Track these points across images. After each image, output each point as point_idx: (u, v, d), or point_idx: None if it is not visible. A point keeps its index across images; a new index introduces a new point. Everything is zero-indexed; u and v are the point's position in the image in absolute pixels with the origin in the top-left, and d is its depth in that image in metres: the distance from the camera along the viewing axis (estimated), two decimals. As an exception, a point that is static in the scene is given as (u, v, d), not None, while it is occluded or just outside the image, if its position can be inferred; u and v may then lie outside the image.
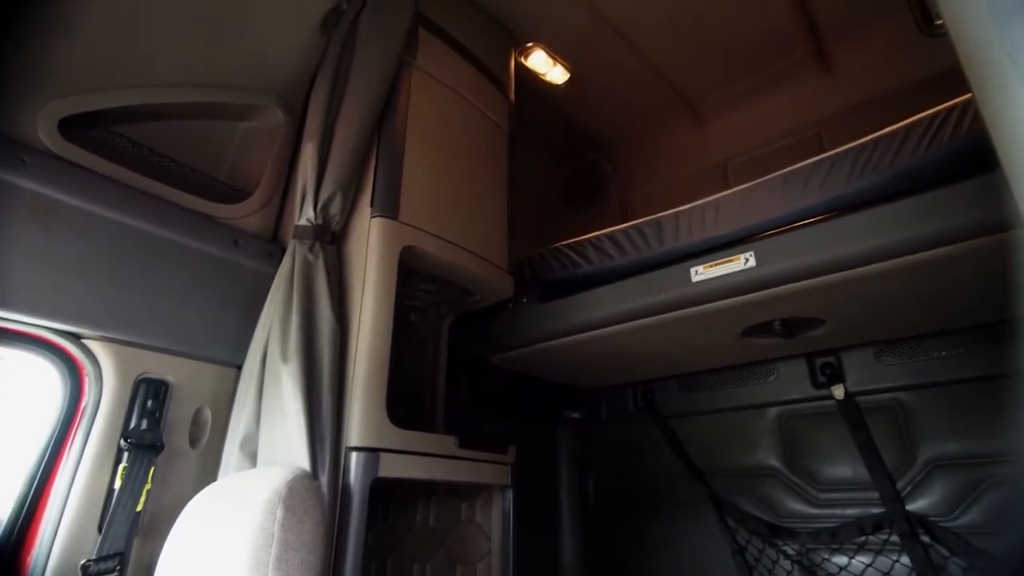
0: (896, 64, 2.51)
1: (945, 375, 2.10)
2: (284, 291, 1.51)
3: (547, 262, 2.20)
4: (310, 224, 1.60)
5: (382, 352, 1.53)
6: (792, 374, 2.43)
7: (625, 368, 2.61)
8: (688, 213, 1.89)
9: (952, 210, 1.39)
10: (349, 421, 1.42)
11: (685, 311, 1.84)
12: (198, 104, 1.83)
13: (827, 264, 1.55)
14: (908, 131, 1.53)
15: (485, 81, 2.22)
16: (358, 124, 1.70)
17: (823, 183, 1.64)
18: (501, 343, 2.30)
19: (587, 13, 2.43)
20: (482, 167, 2.10)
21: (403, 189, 1.73)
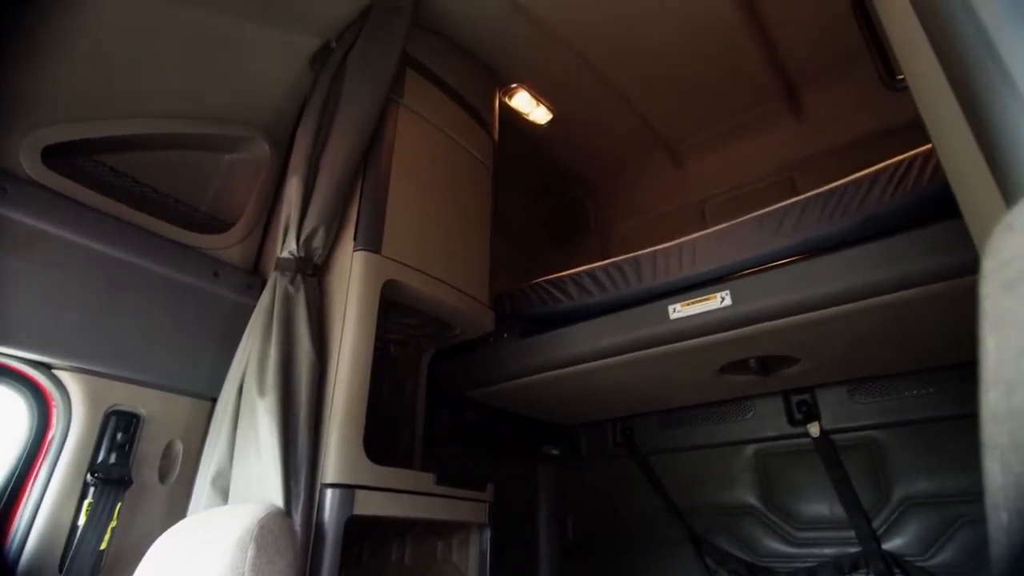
0: (863, 113, 2.63)
1: (917, 413, 2.14)
2: (263, 323, 1.50)
3: (528, 297, 2.22)
4: (292, 256, 1.61)
5: (361, 386, 1.52)
6: (769, 411, 2.46)
7: (605, 404, 2.61)
8: (666, 252, 1.93)
9: (917, 254, 1.44)
10: (325, 457, 1.40)
11: (663, 348, 1.87)
12: (184, 135, 1.84)
13: (800, 304, 1.59)
14: (875, 178, 1.60)
15: (470, 120, 2.27)
16: (344, 159, 1.72)
17: (795, 226, 1.69)
18: (481, 378, 2.30)
19: (570, 57, 2.51)
20: (466, 203, 2.13)
21: (387, 223, 1.75)
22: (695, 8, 2.29)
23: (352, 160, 1.74)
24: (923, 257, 1.43)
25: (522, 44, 2.42)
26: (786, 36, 2.52)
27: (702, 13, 2.32)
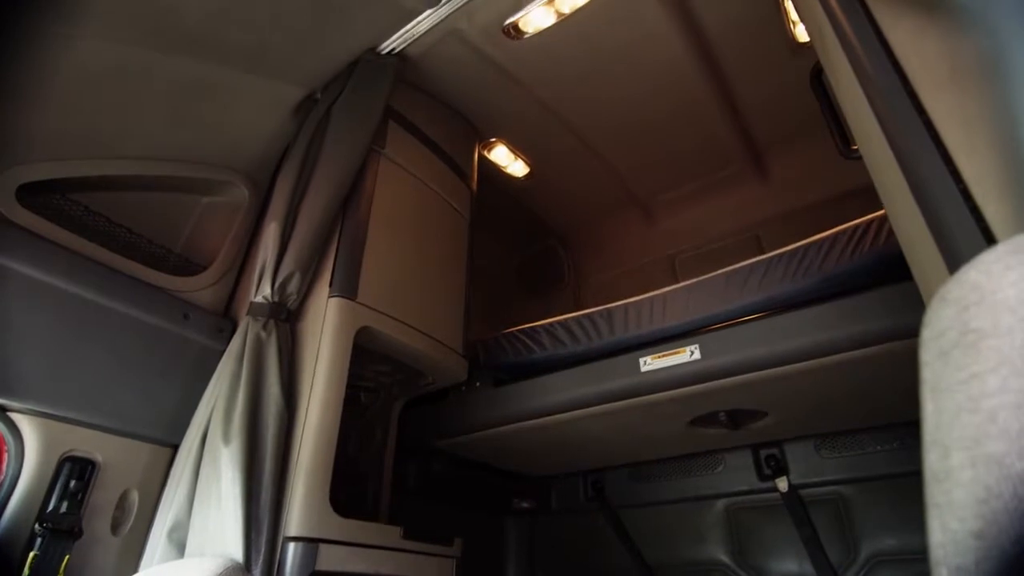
0: (824, 177, 2.77)
1: (882, 469, 2.17)
2: (232, 368, 1.48)
3: (501, 346, 2.23)
4: (266, 301, 1.60)
5: (329, 436, 1.49)
6: (739, 465, 2.47)
7: (576, 456, 2.59)
8: (638, 305, 1.97)
9: (875, 314, 1.50)
10: (289, 508, 1.36)
11: (635, 400, 1.88)
12: (162, 177, 1.85)
13: (766, 359, 1.64)
14: (834, 240, 1.68)
15: (449, 171, 2.33)
16: (323, 206, 1.75)
17: (760, 283, 1.75)
18: (453, 427, 2.27)
19: (547, 115, 2.62)
20: (442, 252, 2.16)
21: (363, 270, 1.76)
22: (667, 77, 2.42)
23: (332, 207, 1.77)
24: (881, 317, 1.49)
25: (501, 102, 2.52)
26: (751, 105, 2.67)
27: (674, 82, 2.45)
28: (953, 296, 0.44)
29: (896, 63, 0.92)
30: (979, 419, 0.37)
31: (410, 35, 2.05)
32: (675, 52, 2.29)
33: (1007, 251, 0.42)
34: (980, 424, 0.37)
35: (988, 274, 0.42)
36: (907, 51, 0.92)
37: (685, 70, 2.39)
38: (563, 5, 2.03)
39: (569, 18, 2.08)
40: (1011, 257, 0.42)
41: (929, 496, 0.40)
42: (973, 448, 0.37)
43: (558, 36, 2.16)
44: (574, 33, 2.16)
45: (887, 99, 0.93)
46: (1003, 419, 0.36)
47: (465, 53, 2.19)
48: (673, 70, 2.39)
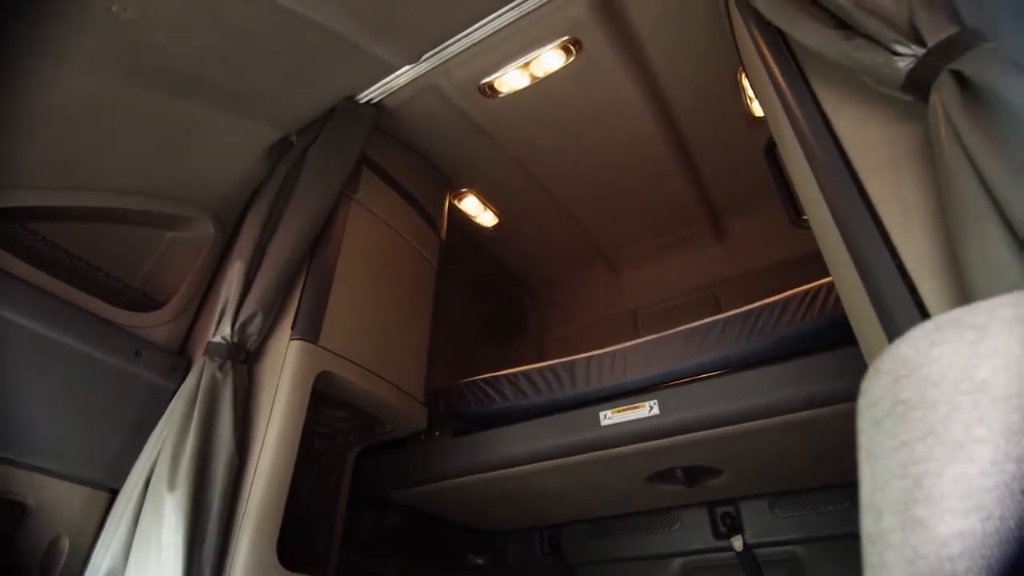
0: (777, 242, 2.92)
1: (834, 529, 2.20)
2: (183, 410, 1.43)
3: (463, 395, 2.22)
4: (225, 342, 1.57)
5: (281, 484, 1.44)
6: (695, 523, 2.47)
7: (534, 510, 2.55)
8: (599, 358, 2.00)
9: (824, 376, 1.57)
10: (234, 561, 1.30)
11: (594, 454, 1.88)
12: (126, 210, 1.82)
13: (721, 417, 1.67)
14: (786, 303, 1.76)
15: (419, 219, 2.36)
16: (292, 247, 1.74)
17: (717, 342, 1.81)
18: (410, 477, 2.22)
19: (519, 170, 2.70)
20: (408, 299, 2.17)
21: (327, 314, 1.75)
22: (634, 140, 2.55)
23: (300, 249, 1.76)
24: (830, 379, 1.56)
25: (474, 155, 2.59)
26: (710, 172, 2.82)
27: (640, 145, 2.58)
28: (886, 368, 0.47)
29: (840, 146, 1.01)
30: (907, 484, 0.40)
31: (389, 87, 2.11)
32: (642, 117, 2.42)
33: (933, 328, 0.46)
34: (908, 489, 0.40)
35: (916, 349, 0.46)
36: (851, 136, 1.01)
37: (651, 134, 2.52)
38: (537, 69, 2.13)
39: (543, 81, 2.18)
40: (936, 334, 0.46)
41: (865, 557, 0.43)
42: (902, 512, 0.40)
43: (532, 97, 2.26)
44: (547, 95, 2.26)
45: (832, 178, 1.01)
46: (927, 485, 0.39)
47: (441, 107, 2.27)
48: (639, 134, 2.51)
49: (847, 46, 0.93)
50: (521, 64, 2.09)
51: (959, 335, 0.45)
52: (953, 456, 0.39)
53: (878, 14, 0.90)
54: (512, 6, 1.89)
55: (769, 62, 1.22)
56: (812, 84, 1.11)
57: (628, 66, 2.16)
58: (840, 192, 0.97)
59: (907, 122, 0.94)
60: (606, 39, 2.03)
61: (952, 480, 0.38)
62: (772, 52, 1.22)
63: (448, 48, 2.00)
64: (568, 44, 2.03)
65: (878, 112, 0.99)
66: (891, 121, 0.96)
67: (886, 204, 0.91)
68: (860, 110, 1.02)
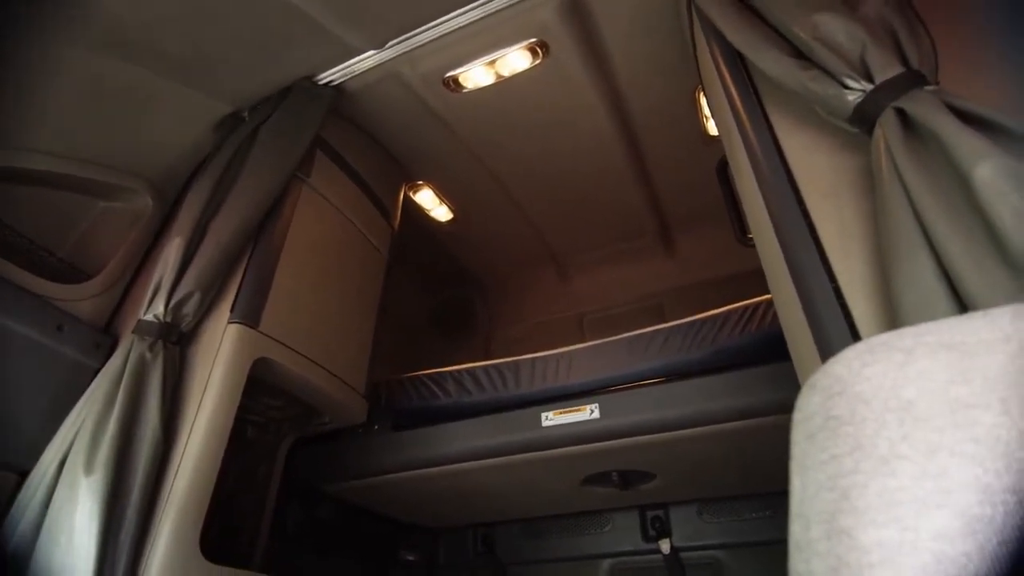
0: (722, 258, 3.02)
1: (755, 536, 2.30)
2: (107, 390, 1.35)
3: (405, 390, 2.19)
4: (157, 321, 1.49)
5: (209, 473, 1.38)
6: (626, 526, 2.52)
7: (469, 508, 2.55)
8: (544, 360, 2.02)
9: (758, 389, 1.63)
10: (153, 550, 1.23)
11: (534, 454, 1.90)
12: (60, 175, 1.70)
13: (658, 423, 1.72)
14: (727, 317, 1.83)
15: (372, 208, 2.32)
16: (236, 227, 1.67)
17: (660, 350, 1.86)
18: (345, 471, 2.17)
19: (476, 166, 2.69)
20: (355, 289, 2.12)
21: (270, 299, 1.69)
22: (593, 147, 2.58)
23: (244, 229, 1.70)
24: (763, 392, 1.62)
25: (433, 147, 2.56)
26: (664, 185, 2.90)
27: (599, 152, 2.61)
28: (820, 385, 0.50)
29: (788, 170, 1.05)
30: (835, 496, 0.42)
31: (350, 71, 2.06)
32: (602, 126, 2.45)
33: (865, 349, 0.49)
34: (835, 500, 0.42)
35: (849, 368, 0.49)
36: (799, 161, 1.06)
37: (610, 144, 2.56)
38: (503, 68, 2.13)
39: (507, 80, 2.18)
40: (868, 355, 0.49)
41: (792, 564, 0.45)
42: (829, 522, 0.42)
43: (495, 95, 2.25)
44: (511, 94, 2.26)
45: (778, 200, 1.05)
46: (854, 496, 0.41)
47: (403, 96, 2.23)
48: (599, 142, 2.55)
49: (803, 75, 0.98)
50: (487, 61, 2.08)
51: (888, 357, 0.48)
52: (878, 470, 0.41)
53: (834, 48, 0.95)
54: (481, 3, 1.88)
55: (728, 83, 1.27)
56: (766, 108, 1.15)
57: (593, 74, 2.19)
58: (785, 213, 1.01)
59: (851, 152, 0.99)
60: (573, 45, 2.04)
61: (876, 493, 0.41)
62: (731, 73, 1.27)
63: (414, 38, 1.97)
64: (535, 46, 2.04)
65: (826, 140, 1.04)
66: (837, 150, 1.01)
67: (826, 228, 0.96)
68: (809, 137, 1.07)
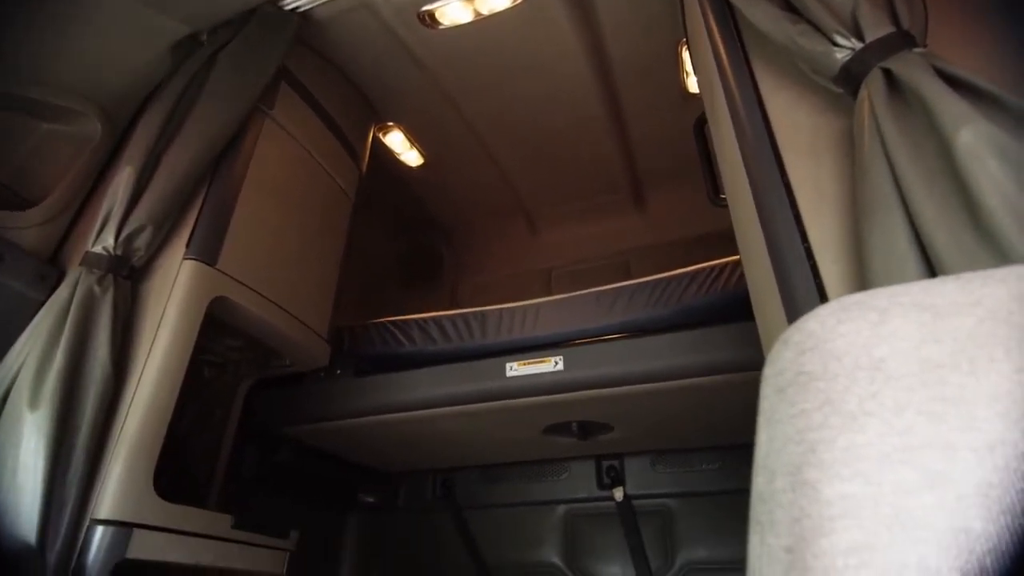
0: (692, 218, 3.04)
1: (704, 486, 2.41)
2: (52, 324, 1.28)
3: (369, 336, 2.16)
4: (106, 253, 1.41)
5: (163, 411, 1.34)
6: (582, 474, 2.61)
7: (430, 453, 2.58)
8: (511, 311, 2.02)
9: (721, 346, 1.67)
10: (103, 487, 1.20)
11: (496, 404, 1.91)
12: (0, 92, 1.57)
13: (621, 377, 1.75)
14: (694, 276, 1.84)
15: (339, 147, 2.22)
16: (192, 158, 1.58)
17: (626, 306, 1.87)
18: (305, 414, 2.15)
19: (449, 110, 2.60)
20: (320, 231, 2.05)
21: (228, 235, 1.62)
22: (570, 94, 2.52)
23: (201, 161, 1.60)
24: (724, 350, 1.66)
25: (404, 86, 2.46)
26: (639, 140, 2.86)
27: (576, 100, 2.55)
28: (793, 340, 0.49)
29: (769, 127, 1.04)
30: (802, 449, 0.43)
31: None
32: (581, 75, 2.39)
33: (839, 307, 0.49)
34: (802, 453, 0.42)
35: (823, 325, 0.48)
36: (780, 119, 1.04)
37: (588, 94, 2.50)
38: (482, 6, 2.03)
39: (486, 19, 2.08)
40: (842, 313, 0.48)
41: (753, 515, 0.45)
42: (795, 474, 0.42)
43: (473, 34, 2.16)
44: (489, 35, 2.17)
45: (756, 157, 1.04)
46: (820, 450, 0.42)
47: (376, 28, 2.11)
48: (577, 91, 2.49)
49: (792, 30, 0.95)
50: (465, -4, 1.98)
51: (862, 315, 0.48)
52: (846, 426, 0.42)
53: (826, 4, 0.92)
54: (463, -69, 1.77)
55: (715, 35, 1.23)
56: (752, 63, 1.13)
57: (574, 20, 2.11)
58: (762, 171, 1.00)
59: (834, 113, 0.98)
60: (556, -14, 1.96)
61: (843, 448, 0.41)
62: (719, 25, 1.23)
63: (389, -36, 1.85)
64: (517, -16, 1.94)
65: (809, 100, 1.03)
66: (819, 110, 1.00)
67: (803, 188, 0.96)
68: (793, 95, 1.05)
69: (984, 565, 0.36)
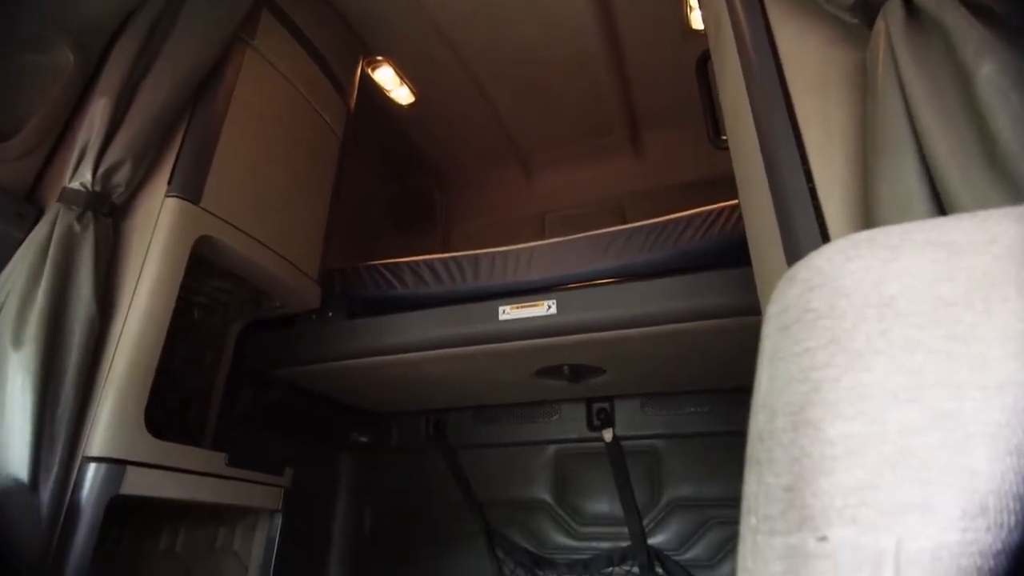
0: (689, 162, 2.98)
1: (693, 428, 2.46)
2: (33, 262, 1.25)
3: (361, 278, 2.14)
4: (84, 189, 1.36)
5: (151, 349, 1.32)
6: (572, 416, 2.65)
7: (423, 395, 2.61)
8: (504, 255, 1.99)
9: (715, 291, 1.66)
10: (94, 425, 1.20)
11: (489, 347, 1.92)
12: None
13: (614, 321, 1.74)
14: (691, 220, 1.81)
15: (326, 82, 2.13)
16: (170, 89, 1.50)
17: (620, 251, 1.85)
18: (297, 356, 2.15)
19: (442, 44, 2.48)
20: (308, 169, 1.99)
21: (211, 172, 1.56)
22: (567, 29, 2.41)
23: (179, 93, 1.53)
24: (718, 295, 1.65)
25: (395, 17, 2.33)
26: (638, 78, 2.76)
27: (573, 35, 2.44)
28: (800, 278, 0.47)
29: (778, 61, 0.99)
30: (805, 388, 0.41)
31: (300, -86, 1.80)
32: (581, 7, 2.27)
33: (850, 244, 0.47)
34: (806, 393, 0.41)
35: (831, 262, 0.46)
36: (789, 52, 0.99)
37: (586, 27, 2.39)
38: (475, -73, 1.90)
39: (479, -56, 1.96)
40: (852, 250, 0.46)
41: (751, 454, 0.44)
42: (797, 414, 0.41)
43: (465, -40, 2.03)
44: (482, -38, 2.05)
45: (763, 92, 0.99)
46: (825, 389, 0.40)
47: (361, -47, 1.99)
48: (575, 24, 2.38)
49: (808, -48, 0.89)
50: (458, -83, 1.85)
51: (873, 253, 0.46)
52: (852, 364, 0.40)
53: (845, -77, 0.86)
54: None
55: (723, -40, 1.15)
56: (762, -9, 1.06)
57: (573, -55, 1.99)
58: (768, 106, 0.96)
59: (846, 46, 0.93)
60: (555, -94, 1.83)
61: (848, 387, 0.40)
62: (728, -51, 1.15)
63: None
64: (513, -96, 1.81)
65: (820, 32, 0.97)
66: (831, 43, 0.95)
67: (810, 125, 0.92)
68: (803, 27, 1.00)
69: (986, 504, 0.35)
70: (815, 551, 0.37)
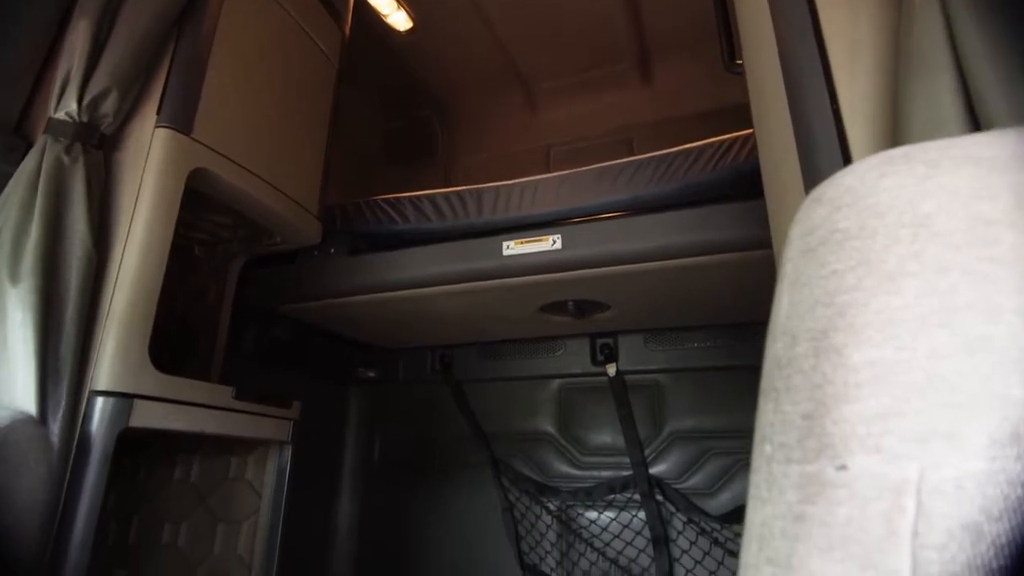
0: (706, 90, 2.85)
1: (695, 363, 2.48)
2: (23, 196, 1.21)
3: (362, 213, 2.10)
4: (71, 120, 1.30)
5: (150, 285, 1.31)
6: (576, 351, 2.67)
7: (428, 331, 2.62)
8: (508, 189, 1.94)
9: (724, 225, 1.62)
10: (99, 360, 1.20)
11: (493, 282, 1.90)
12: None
13: (620, 256, 1.71)
14: (701, 151, 1.75)
15: (319, 5, 2.01)
16: (152, 12, 1.41)
17: (628, 183, 1.79)
18: (300, 292, 2.15)
19: (439, -37, 2.34)
20: (303, 99, 1.91)
21: (202, 101, 1.49)
22: (572, -55, 2.25)
23: (162, 16, 1.44)
24: (727, 228, 1.61)
25: (389, -68, 2.18)
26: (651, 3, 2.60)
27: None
28: (827, 197, 0.44)
29: (804, -29, 0.91)
30: (830, 312, 0.39)
31: None
32: (586, -80, 2.12)
33: (883, 160, 0.43)
34: (830, 317, 0.39)
35: (863, 180, 0.43)
36: (815, -40, 0.91)
37: (593, -56, 2.23)
38: None
39: None
40: (886, 166, 0.43)
41: (767, 381, 0.43)
42: (819, 339, 0.39)
43: None
44: None
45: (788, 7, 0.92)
46: (851, 314, 0.38)
47: None
48: (581, -59, 2.22)
49: None
50: None
51: (909, 169, 0.42)
52: (882, 287, 0.38)
53: None
54: None
55: None
56: None
57: None
58: (792, 20, 0.89)
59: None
60: None
61: (876, 311, 0.37)
62: None
63: None
64: None
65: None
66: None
67: (836, 43, 0.85)
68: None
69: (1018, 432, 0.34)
70: (833, 480, 0.36)
